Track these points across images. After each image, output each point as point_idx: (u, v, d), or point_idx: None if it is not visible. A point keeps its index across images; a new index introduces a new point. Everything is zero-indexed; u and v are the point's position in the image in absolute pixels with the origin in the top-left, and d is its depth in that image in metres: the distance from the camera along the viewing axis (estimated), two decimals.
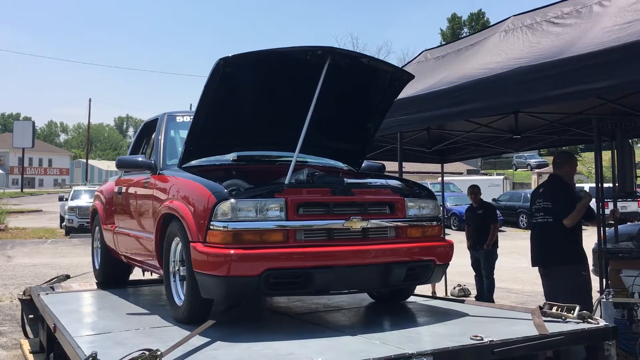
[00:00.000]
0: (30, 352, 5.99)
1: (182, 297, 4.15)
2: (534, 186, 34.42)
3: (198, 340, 3.47)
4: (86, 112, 56.17)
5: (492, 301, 9.11)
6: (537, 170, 38.15)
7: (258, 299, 5.02)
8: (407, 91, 5.67)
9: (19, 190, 57.14)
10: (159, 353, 2.92)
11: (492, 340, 3.36)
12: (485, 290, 9.19)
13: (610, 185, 6.77)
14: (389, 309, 4.80)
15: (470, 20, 68.35)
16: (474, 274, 9.51)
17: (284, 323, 4.49)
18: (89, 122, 63.16)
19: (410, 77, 4.90)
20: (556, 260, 5.68)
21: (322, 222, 3.88)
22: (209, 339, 3.52)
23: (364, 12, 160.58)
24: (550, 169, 38.53)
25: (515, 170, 46.93)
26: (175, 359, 3.09)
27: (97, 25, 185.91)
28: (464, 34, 54.01)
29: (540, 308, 4.01)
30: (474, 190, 9.55)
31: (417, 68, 7.38)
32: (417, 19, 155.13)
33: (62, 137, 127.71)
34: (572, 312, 3.89)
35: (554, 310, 3.99)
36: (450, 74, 6.17)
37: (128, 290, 6.02)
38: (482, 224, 9.29)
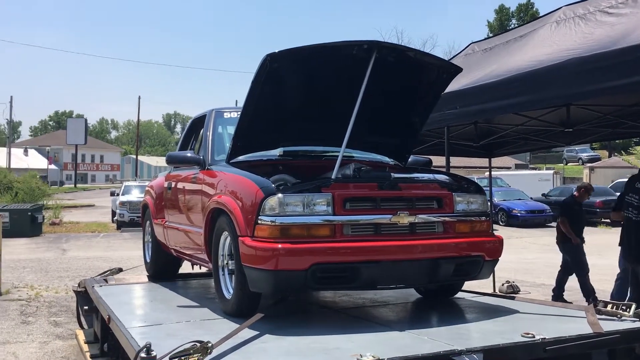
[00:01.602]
0: (85, 342, 6.20)
1: (231, 291, 4.22)
2: (585, 180, 33.47)
3: (247, 333, 3.52)
4: (136, 109, 57.48)
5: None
6: (588, 165, 36.98)
7: (305, 293, 5.05)
8: (454, 85, 5.59)
9: (73, 185, 59.01)
10: (209, 345, 2.97)
11: (545, 338, 3.30)
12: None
13: None
14: (436, 305, 4.76)
15: (519, 11, 66.78)
16: (561, 269, 8.91)
17: (330, 317, 4.50)
18: (138, 119, 64.56)
19: (458, 70, 4.82)
20: None
21: (369, 216, 3.88)
22: (258, 332, 3.57)
23: (408, 5, 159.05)
24: (602, 163, 37.39)
25: (566, 164, 45.69)
26: (225, 351, 3.15)
27: (146, 24, 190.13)
28: (512, 26, 52.85)
29: (595, 305, 3.91)
30: (590, 190, 9.20)
31: (464, 61, 7.26)
32: (462, 11, 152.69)
33: (113, 134, 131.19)
34: (627, 310, 3.78)
35: (608, 308, 3.88)
36: (499, 67, 6.05)
37: (177, 283, 6.14)
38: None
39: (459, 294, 4.94)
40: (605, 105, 6.67)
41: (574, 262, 8.62)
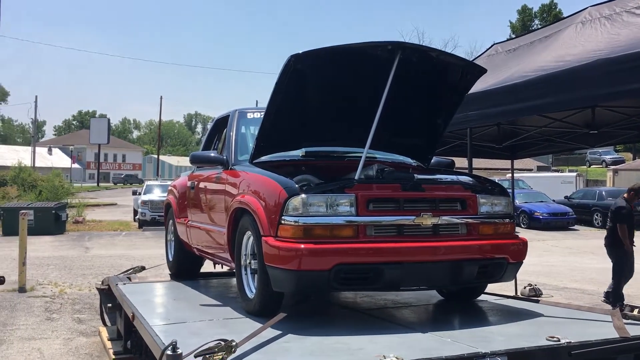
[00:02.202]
0: (108, 340, 6.27)
1: (254, 290, 4.24)
2: (609, 184, 33.02)
3: (270, 332, 3.53)
4: (157, 109, 58.13)
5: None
6: (612, 167, 36.46)
7: (328, 293, 5.06)
8: (478, 86, 5.55)
9: (95, 184, 59.76)
10: (234, 344, 3.00)
11: (570, 342, 3.26)
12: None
13: None
14: (459, 307, 4.73)
15: (542, 11, 66.15)
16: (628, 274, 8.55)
17: (353, 318, 4.50)
18: (160, 119, 65.19)
19: (482, 70, 4.79)
20: None
21: (392, 217, 3.87)
22: (280, 332, 3.59)
23: (429, 5, 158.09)
24: (627, 165, 36.78)
25: (589, 166, 45.09)
26: (248, 350, 3.17)
27: (168, 25, 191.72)
28: (535, 26, 52.32)
29: (621, 310, 3.86)
30: None
31: (487, 62, 7.21)
32: (484, 11, 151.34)
33: (135, 134, 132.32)
34: None
35: (635, 312, 3.83)
36: (523, 68, 6.01)
37: (199, 282, 6.18)
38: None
39: (482, 297, 4.90)
40: (631, 107, 6.59)
41: (618, 266, 8.37)
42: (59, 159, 68.39)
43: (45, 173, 32.51)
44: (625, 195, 8.74)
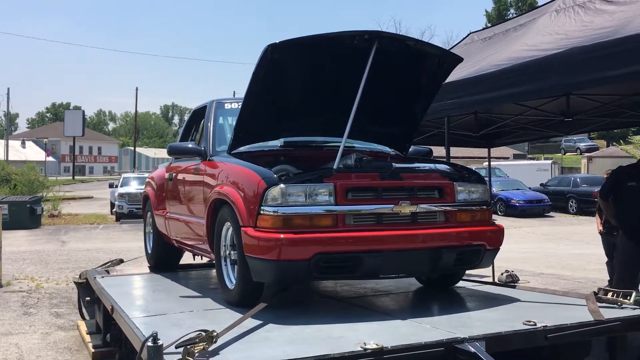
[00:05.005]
0: (87, 333, 6.22)
1: (234, 281, 4.24)
2: (583, 171, 33.54)
3: (251, 322, 3.54)
4: (133, 100, 57.54)
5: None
6: (587, 154, 37.02)
7: (308, 282, 5.07)
8: (454, 75, 5.59)
9: (71, 177, 58.95)
10: (215, 334, 3.00)
11: (546, 326, 3.33)
12: None
13: None
14: (437, 294, 4.79)
15: (517, 0, 66.56)
16: (606, 260, 8.56)
17: (333, 307, 4.53)
18: (136, 110, 64.49)
19: (459, 59, 4.83)
20: None
21: (371, 206, 3.90)
22: (261, 322, 3.60)
23: None
24: (601, 152, 37.36)
25: (564, 154, 45.72)
26: (229, 340, 3.17)
27: (143, 15, 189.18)
28: (511, 15, 52.73)
29: (595, 294, 3.94)
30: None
31: (464, 50, 7.25)
32: (460, 0, 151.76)
33: (111, 126, 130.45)
34: (628, 298, 3.81)
35: (609, 296, 3.91)
36: (498, 56, 6.06)
37: (179, 274, 6.16)
38: None
39: (460, 283, 4.97)
40: (605, 95, 6.69)
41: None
42: (33, 152, 67.27)
43: (19, 166, 31.90)
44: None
